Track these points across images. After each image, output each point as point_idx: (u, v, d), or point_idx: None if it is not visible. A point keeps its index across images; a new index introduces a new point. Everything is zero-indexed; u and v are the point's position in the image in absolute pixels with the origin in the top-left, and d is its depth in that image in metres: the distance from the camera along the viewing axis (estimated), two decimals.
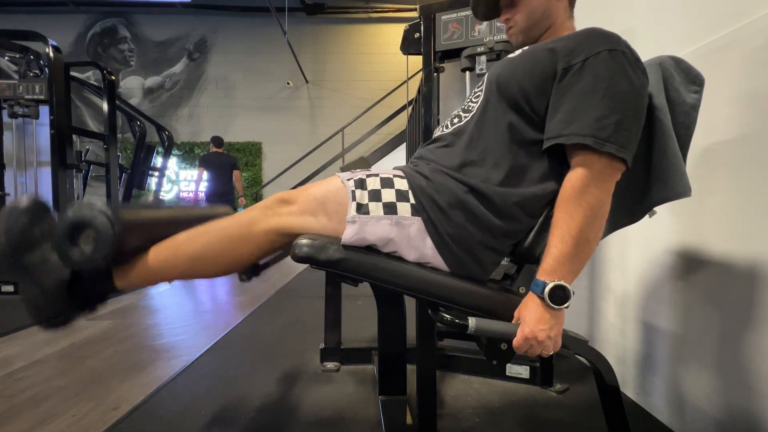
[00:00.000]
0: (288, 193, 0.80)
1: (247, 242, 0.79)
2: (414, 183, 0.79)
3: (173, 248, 0.82)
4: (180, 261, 0.81)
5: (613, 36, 0.74)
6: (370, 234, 0.75)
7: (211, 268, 0.82)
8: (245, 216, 0.80)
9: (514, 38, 0.93)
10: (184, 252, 0.81)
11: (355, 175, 0.80)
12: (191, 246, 0.81)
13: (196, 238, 0.81)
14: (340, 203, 0.77)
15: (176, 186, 8.38)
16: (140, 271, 0.81)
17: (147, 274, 0.82)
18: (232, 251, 0.80)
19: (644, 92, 0.74)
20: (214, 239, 0.80)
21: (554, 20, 0.89)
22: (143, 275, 0.82)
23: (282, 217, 0.78)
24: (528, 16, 0.88)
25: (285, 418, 1.27)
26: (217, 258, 0.81)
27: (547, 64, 0.75)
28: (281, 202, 0.79)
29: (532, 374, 1.49)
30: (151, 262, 0.81)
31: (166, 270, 0.82)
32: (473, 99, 0.87)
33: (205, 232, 0.81)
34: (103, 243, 0.74)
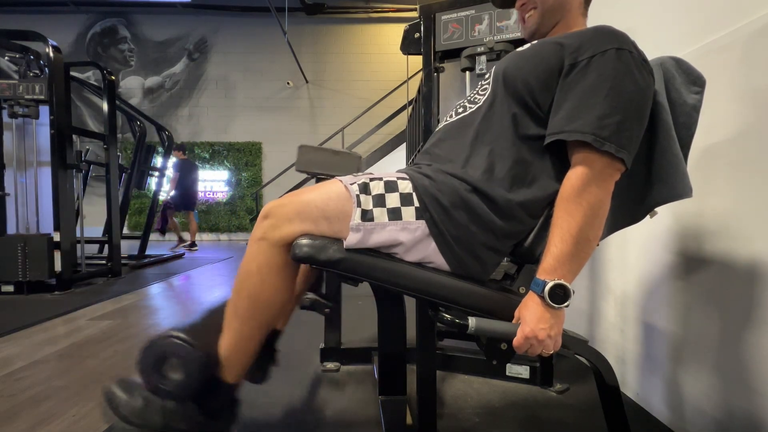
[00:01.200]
0: (266, 207, 0.79)
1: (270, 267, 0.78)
2: (418, 184, 0.79)
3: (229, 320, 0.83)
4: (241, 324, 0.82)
5: (621, 35, 0.73)
6: (373, 242, 0.75)
7: (267, 310, 0.82)
8: (249, 252, 0.80)
9: (527, 25, 0.91)
10: (236, 319, 0.82)
11: (359, 179, 0.79)
12: (238, 308, 0.82)
13: (234, 299, 0.82)
14: (342, 210, 0.75)
15: None
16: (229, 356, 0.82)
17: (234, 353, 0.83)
18: (267, 283, 0.79)
19: (649, 93, 0.74)
20: (246, 287, 0.80)
21: (567, 12, 0.88)
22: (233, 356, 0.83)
23: (279, 229, 0.76)
24: (542, 5, 0.88)
25: (285, 418, 1.27)
26: (262, 297, 0.80)
27: (553, 59, 0.75)
28: (263, 218, 0.78)
29: (532, 374, 1.49)
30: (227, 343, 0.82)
31: (243, 338, 0.82)
32: (480, 91, 0.87)
33: (237, 289, 0.82)
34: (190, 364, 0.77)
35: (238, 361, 0.84)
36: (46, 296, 2.91)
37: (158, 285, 3.43)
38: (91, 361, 1.72)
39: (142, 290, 3.21)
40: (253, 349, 0.85)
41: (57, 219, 3.08)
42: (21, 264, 2.92)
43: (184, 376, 0.77)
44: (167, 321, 2.37)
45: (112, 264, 3.66)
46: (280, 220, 0.76)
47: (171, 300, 2.93)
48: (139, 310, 2.60)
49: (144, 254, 4.88)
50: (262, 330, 0.84)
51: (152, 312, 2.59)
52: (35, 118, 3.09)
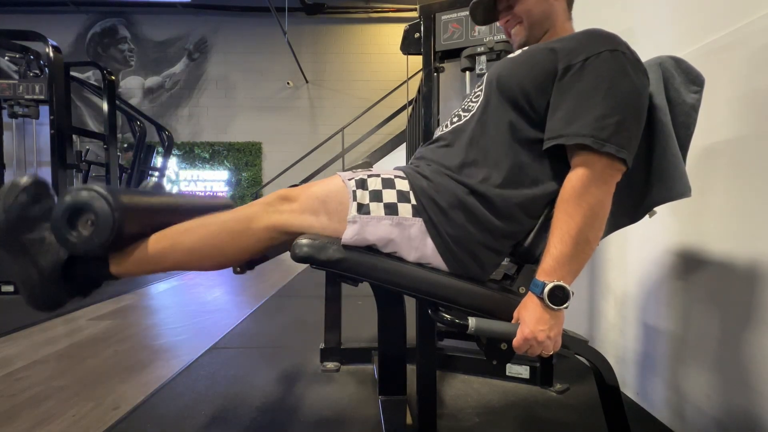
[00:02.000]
0: (289, 190, 0.80)
1: (246, 237, 0.79)
2: (415, 184, 0.79)
3: (172, 238, 0.81)
4: (177, 251, 0.81)
5: (613, 37, 0.74)
6: (370, 234, 0.75)
7: (207, 260, 0.82)
8: (245, 211, 0.80)
9: (515, 41, 0.93)
10: (182, 242, 0.81)
11: (356, 175, 0.80)
12: (190, 237, 0.81)
13: (195, 230, 0.81)
14: (341, 203, 0.77)
15: (176, 186, 8.38)
16: (137, 258, 0.80)
17: (143, 262, 0.81)
18: (231, 245, 0.80)
19: (645, 93, 0.74)
20: (213, 232, 0.80)
21: (553, 22, 0.89)
22: (139, 263, 0.81)
23: (283, 214, 0.78)
24: (527, 19, 0.89)
25: (285, 418, 1.27)
26: (215, 251, 0.81)
27: (547, 63, 0.75)
28: (282, 199, 0.79)
29: (532, 374, 1.49)
30: (149, 250, 0.80)
31: (162, 259, 0.81)
32: (473, 99, 0.87)
33: (205, 225, 0.81)
34: (102, 228, 0.73)
35: (135, 268, 0.81)
36: None
37: (158, 285, 3.43)
38: (91, 361, 1.72)
39: (142, 290, 3.21)
40: (155, 271, 0.83)
41: None
42: None
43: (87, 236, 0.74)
44: (167, 321, 2.38)
45: None
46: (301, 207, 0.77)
47: (171, 300, 2.93)
48: (139, 310, 2.60)
49: None
50: (176, 268, 0.83)
51: (152, 312, 2.59)
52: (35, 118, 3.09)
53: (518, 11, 0.89)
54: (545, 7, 0.88)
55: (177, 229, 0.82)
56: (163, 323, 2.33)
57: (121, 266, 0.81)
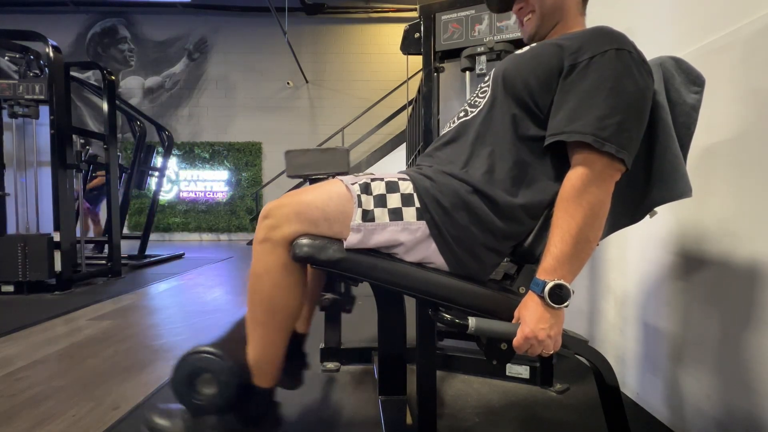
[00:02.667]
0: (267, 206, 0.79)
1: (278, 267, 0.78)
2: (419, 185, 0.79)
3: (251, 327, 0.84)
4: (263, 327, 0.83)
5: (620, 36, 0.73)
6: (374, 241, 0.75)
7: (285, 309, 0.82)
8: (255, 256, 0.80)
9: (526, 29, 0.91)
10: (257, 320, 0.83)
11: (360, 180, 0.80)
12: (256, 313, 0.83)
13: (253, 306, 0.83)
14: (343, 212, 0.75)
15: (176, 186, 8.39)
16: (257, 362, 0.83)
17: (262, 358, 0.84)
18: (278, 282, 0.80)
19: (648, 94, 0.74)
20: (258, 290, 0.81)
21: (565, 14, 0.88)
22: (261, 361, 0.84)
23: (280, 229, 0.76)
24: (539, 8, 0.87)
25: (285, 418, 1.27)
26: (277, 297, 0.81)
27: (553, 61, 0.75)
28: (265, 218, 0.78)
29: (532, 374, 1.49)
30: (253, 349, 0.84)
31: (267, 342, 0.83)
32: (480, 94, 0.87)
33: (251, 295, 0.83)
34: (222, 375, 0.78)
35: (267, 365, 0.84)
36: (46, 296, 2.91)
37: (158, 285, 3.43)
38: (91, 361, 1.72)
39: (142, 290, 3.21)
40: (279, 351, 0.85)
41: (57, 219, 3.08)
42: (21, 264, 2.92)
43: (217, 388, 0.78)
44: (167, 321, 2.37)
45: (112, 264, 3.66)
46: (280, 221, 0.76)
47: (171, 300, 2.93)
48: (139, 310, 2.60)
49: (144, 254, 4.89)
50: (283, 331, 0.84)
51: (152, 312, 2.59)
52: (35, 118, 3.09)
53: (532, 0, 0.88)
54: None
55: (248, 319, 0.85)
56: (163, 323, 2.33)
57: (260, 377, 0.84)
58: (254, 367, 0.83)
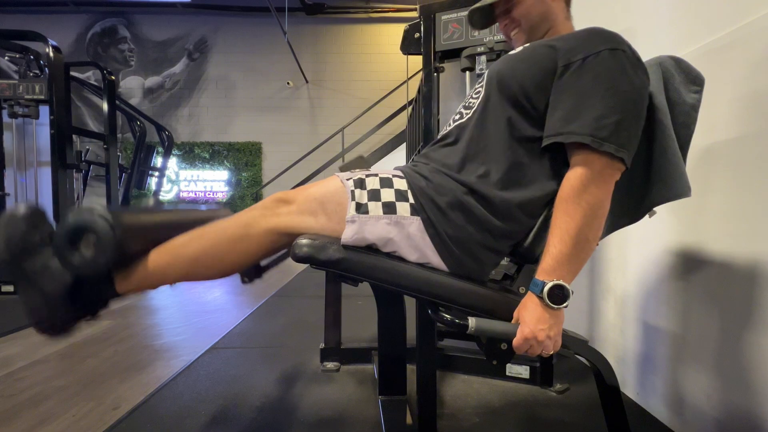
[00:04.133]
0: (286, 193, 0.80)
1: (247, 243, 0.79)
2: (413, 183, 0.79)
3: (173, 251, 0.81)
4: (180, 263, 0.81)
5: (614, 35, 0.73)
6: (369, 233, 0.75)
7: (211, 269, 0.82)
8: (244, 216, 0.80)
9: (515, 42, 0.92)
10: (184, 254, 0.81)
11: (355, 175, 0.80)
12: (191, 248, 0.81)
13: (195, 240, 0.81)
14: (340, 203, 0.77)
15: (176, 186, 8.39)
16: (141, 274, 0.81)
17: (148, 278, 0.81)
18: (233, 252, 0.80)
19: (644, 92, 0.74)
20: (213, 240, 0.80)
21: (553, 22, 0.89)
22: (144, 279, 0.81)
23: (281, 216, 0.78)
24: (526, 22, 0.88)
25: (285, 418, 1.27)
26: (218, 259, 0.81)
27: (547, 61, 0.75)
28: (280, 201, 0.79)
29: (532, 374, 1.49)
30: (152, 266, 0.81)
31: (167, 273, 0.81)
32: (473, 95, 0.87)
33: (205, 234, 0.81)
34: (105, 247, 0.74)
35: (140, 284, 0.82)
36: None
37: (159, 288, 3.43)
38: (91, 361, 1.72)
39: None
40: (160, 285, 0.84)
41: (57, 219, 3.08)
42: None
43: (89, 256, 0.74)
44: (167, 321, 2.37)
45: None
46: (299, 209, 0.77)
47: (171, 300, 2.93)
48: (139, 310, 2.60)
49: None
50: (181, 280, 0.83)
51: (152, 312, 2.59)
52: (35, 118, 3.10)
53: (516, 15, 0.89)
54: (543, 8, 0.88)
55: (177, 242, 0.82)
56: (163, 323, 2.33)
57: (126, 284, 0.82)
58: (132, 273, 0.80)
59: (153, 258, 0.81)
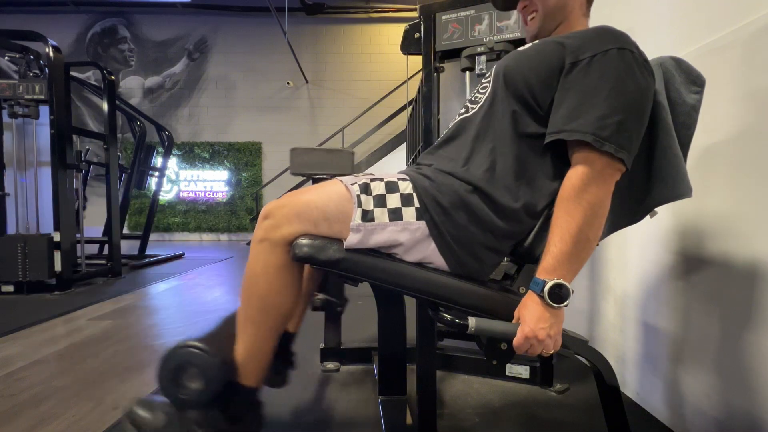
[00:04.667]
0: (266, 206, 0.79)
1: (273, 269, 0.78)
2: (418, 184, 0.79)
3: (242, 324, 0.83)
4: (255, 326, 0.82)
5: (622, 35, 0.73)
6: (374, 241, 0.75)
7: (278, 309, 0.82)
8: (252, 254, 0.80)
9: (529, 27, 0.91)
10: (250, 319, 0.82)
11: (359, 180, 0.80)
12: (246, 309, 0.83)
13: (243, 302, 0.83)
14: (343, 212, 0.75)
15: (176, 186, 8.39)
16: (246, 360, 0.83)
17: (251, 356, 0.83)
18: (269, 285, 0.79)
19: (649, 94, 0.74)
20: (251, 289, 0.81)
21: (569, 14, 0.87)
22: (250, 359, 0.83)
23: (280, 229, 0.76)
24: (543, 7, 0.87)
25: (285, 418, 1.27)
26: (271, 297, 0.80)
27: (554, 58, 0.75)
28: (264, 218, 0.78)
29: (532, 374, 1.49)
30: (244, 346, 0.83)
31: (258, 340, 0.83)
32: (480, 90, 0.87)
33: (243, 291, 0.83)
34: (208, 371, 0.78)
35: (254, 364, 0.84)
36: (46, 296, 2.91)
37: (158, 285, 3.43)
38: (91, 361, 1.72)
39: (142, 290, 3.21)
40: (268, 351, 0.85)
41: (57, 219, 3.08)
42: (21, 264, 2.92)
43: (203, 383, 0.77)
44: (167, 321, 2.37)
45: (112, 264, 3.66)
46: (280, 221, 0.76)
47: (171, 300, 2.93)
48: (139, 310, 2.60)
49: (144, 254, 4.89)
50: (275, 331, 0.84)
51: (152, 312, 2.59)
52: (35, 118, 3.09)
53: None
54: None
55: (239, 316, 0.84)
56: (163, 323, 2.33)
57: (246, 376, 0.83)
58: (241, 365, 0.82)
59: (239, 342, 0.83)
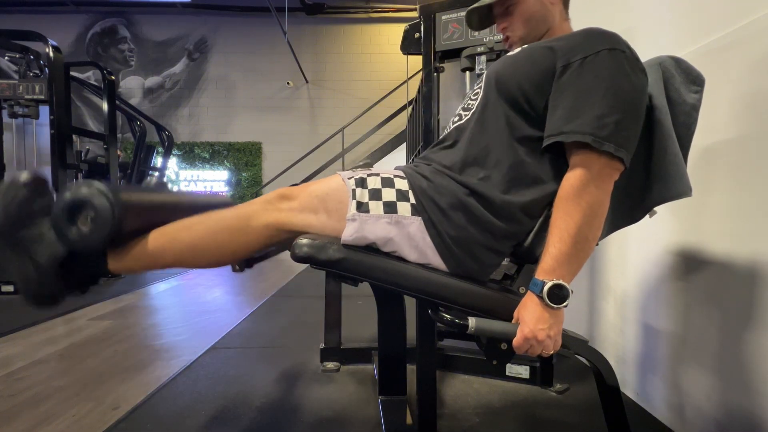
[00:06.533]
0: (289, 189, 0.81)
1: (245, 235, 0.79)
2: (414, 183, 0.79)
3: (171, 234, 0.81)
4: (176, 248, 0.81)
5: (613, 35, 0.74)
6: (369, 233, 0.75)
7: (206, 257, 0.82)
8: (245, 209, 0.81)
9: (513, 46, 0.93)
10: (181, 239, 0.81)
11: (356, 174, 0.81)
12: (189, 234, 0.81)
13: (194, 226, 0.81)
14: (341, 201, 0.77)
15: (176, 186, 8.38)
16: (135, 254, 0.80)
17: (142, 258, 0.81)
18: (231, 242, 0.80)
19: (644, 93, 0.74)
20: (212, 229, 0.80)
21: (551, 24, 0.90)
22: (138, 259, 0.81)
23: (282, 212, 0.78)
24: (525, 24, 0.89)
25: (285, 418, 1.27)
26: (215, 248, 0.81)
27: (546, 62, 0.75)
28: (282, 197, 0.79)
29: (532, 374, 1.49)
30: (148, 247, 0.80)
31: (161, 255, 0.81)
32: (472, 97, 0.87)
33: (205, 221, 0.81)
34: (102, 224, 0.73)
35: (135, 265, 0.82)
36: None
37: (158, 285, 3.43)
38: (91, 361, 1.72)
39: (142, 290, 3.21)
40: (155, 269, 0.84)
41: None
42: None
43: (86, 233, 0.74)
44: (167, 321, 2.37)
45: None
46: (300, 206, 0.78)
47: (171, 300, 2.93)
48: (139, 310, 2.60)
49: None
50: (185, 263, 0.83)
51: (152, 312, 2.59)
52: (35, 118, 3.09)
53: (515, 16, 0.89)
54: (542, 11, 0.89)
55: (176, 226, 0.82)
56: (163, 323, 2.33)
57: (119, 262, 0.81)
58: (127, 253, 0.80)
59: (150, 239, 0.80)
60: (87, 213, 0.74)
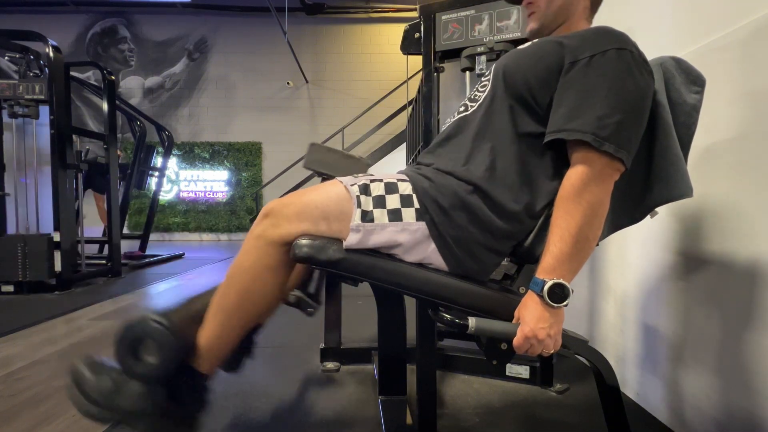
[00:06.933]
0: (269, 204, 0.79)
1: (263, 266, 0.78)
2: (417, 185, 0.79)
3: (215, 311, 0.82)
4: (228, 317, 0.82)
5: (622, 35, 0.74)
6: (373, 242, 0.75)
7: (256, 305, 0.82)
8: (245, 247, 0.80)
9: (532, 23, 0.91)
10: (224, 306, 0.82)
11: (359, 180, 0.80)
12: (224, 299, 0.82)
13: (223, 291, 0.82)
14: (343, 211, 0.76)
15: (176, 186, 8.39)
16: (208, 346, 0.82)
17: (215, 345, 0.83)
18: (256, 280, 0.79)
19: (649, 94, 0.74)
20: (235, 279, 0.80)
21: (571, 15, 0.88)
22: (212, 348, 0.83)
23: (278, 228, 0.76)
24: (547, 5, 0.87)
25: (285, 418, 1.27)
26: (252, 293, 0.80)
27: (553, 58, 0.75)
28: (265, 216, 0.78)
29: (532, 374, 1.49)
30: (211, 333, 0.82)
31: (226, 331, 0.82)
32: (480, 89, 0.87)
33: (227, 280, 0.82)
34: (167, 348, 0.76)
35: (216, 352, 0.84)
36: (46, 296, 2.91)
37: (158, 285, 3.43)
38: None
39: (141, 290, 3.21)
40: (233, 342, 0.85)
41: (57, 219, 3.08)
42: (21, 264, 2.92)
43: (158, 359, 0.76)
44: None
45: (112, 264, 3.66)
46: (281, 220, 0.76)
47: (171, 300, 2.93)
48: (139, 311, 2.60)
49: (144, 254, 4.88)
50: (246, 325, 0.84)
51: None
52: (35, 118, 3.09)
53: None
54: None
55: (214, 303, 0.83)
56: None
57: (203, 361, 0.83)
58: (201, 350, 0.82)
59: (206, 327, 0.83)
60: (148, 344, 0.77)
